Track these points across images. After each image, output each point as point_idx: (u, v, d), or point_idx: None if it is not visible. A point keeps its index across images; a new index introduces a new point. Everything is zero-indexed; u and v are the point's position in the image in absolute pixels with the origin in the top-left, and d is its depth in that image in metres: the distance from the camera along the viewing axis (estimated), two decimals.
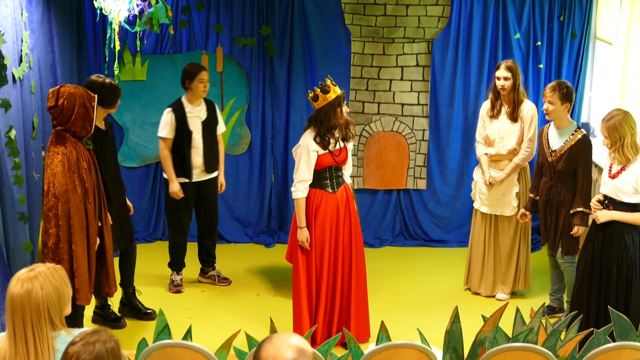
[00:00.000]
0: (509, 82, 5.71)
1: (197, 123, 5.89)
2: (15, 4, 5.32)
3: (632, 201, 4.74)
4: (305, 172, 5.00)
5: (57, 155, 4.64)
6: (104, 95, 5.09)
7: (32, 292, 2.69)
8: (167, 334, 3.81)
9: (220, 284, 6.26)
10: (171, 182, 5.91)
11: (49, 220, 4.67)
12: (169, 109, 5.88)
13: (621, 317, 4.04)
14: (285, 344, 2.33)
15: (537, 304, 5.50)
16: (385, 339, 3.82)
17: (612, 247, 4.81)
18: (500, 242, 5.96)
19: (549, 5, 6.86)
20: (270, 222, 7.30)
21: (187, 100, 5.90)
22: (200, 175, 5.98)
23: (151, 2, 5.72)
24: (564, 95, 5.32)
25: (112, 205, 5.26)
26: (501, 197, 5.88)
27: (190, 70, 5.87)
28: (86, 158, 4.75)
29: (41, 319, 2.70)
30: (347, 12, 6.92)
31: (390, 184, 7.25)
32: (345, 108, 5.01)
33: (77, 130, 4.69)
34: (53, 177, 4.64)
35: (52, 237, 4.66)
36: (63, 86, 4.74)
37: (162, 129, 5.88)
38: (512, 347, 3.62)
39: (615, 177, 4.78)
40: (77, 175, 4.67)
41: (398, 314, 5.69)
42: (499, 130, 5.84)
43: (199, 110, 5.92)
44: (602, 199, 4.90)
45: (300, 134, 6.96)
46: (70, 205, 4.65)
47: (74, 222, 4.67)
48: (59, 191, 4.63)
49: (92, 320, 5.48)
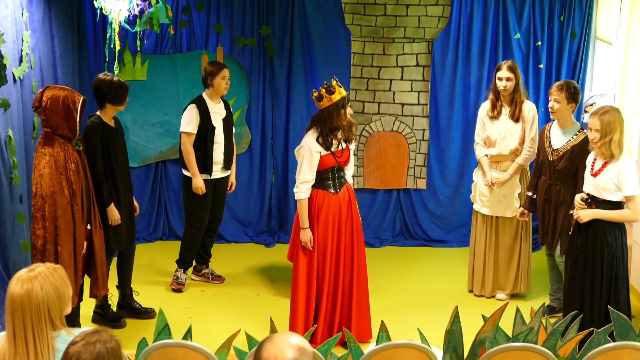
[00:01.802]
0: (511, 82, 5.71)
1: (219, 120, 5.94)
2: (15, 4, 5.33)
3: (614, 199, 4.72)
4: (307, 173, 4.99)
5: (45, 156, 4.63)
6: (112, 93, 5.11)
7: (32, 292, 2.69)
8: (167, 334, 3.81)
9: (214, 282, 6.26)
10: (195, 178, 5.91)
11: (37, 221, 4.66)
12: (192, 105, 5.90)
13: (621, 317, 4.05)
14: (286, 344, 2.34)
15: (537, 304, 5.50)
16: (385, 339, 3.82)
17: (596, 246, 4.79)
18: (501, 244, 5.96)
19: (549, 5, 6.86)
20: (271, 222, 7.30)
21: (208, 97, 5.94)
22: (219, 172, 6.02)
23: (151, 2, 5.72)
24: (571, 95, 5.32)
25: (122, 203, 5.27)
26: (503, 199, 5.87)
27: (213, 67, 5.92)
28: (74, 160, 4.73)
29: (41, 319, 2.70)
30: (347, 12, 6.93)
31: (390, 184, 7.25)
32: (349, 110, 5.00)
33: (64, 132, 4.68)
34: (40, 179, 4.62)
35: (39, 238, 4.65)
36: (48, 87, 4.73)
37: (186, 124, 5.88)
38: (512, 347, 3.62)
39: (597, 174, 4.77)
40: (65, 177, 4.66)
41: (398, 314, 5.69)
42: (500, 131, 5.83)
43: (220, 107, 5.98)
44: (586, 197, 4.90)
45: (300, 134, 6.99)
46: (57, 207, 4.64)
47: (60, 224, 4.65)
48: (45, 192, 4.62)
49: (92, 320, 5.47)
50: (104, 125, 5.14)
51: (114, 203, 5.19)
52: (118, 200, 5.23)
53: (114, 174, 5.18)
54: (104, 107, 5.18)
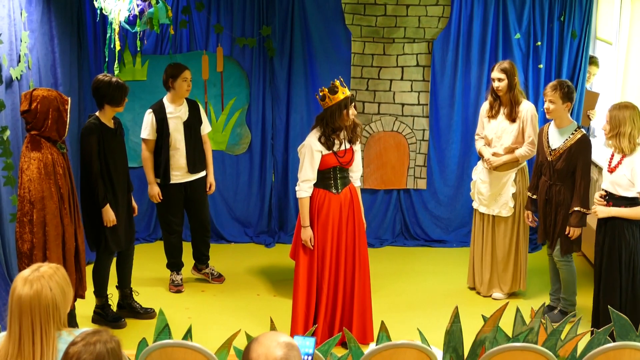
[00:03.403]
0: (503, 83, 5.71)
1: (179, 124, 5.86)
2: (14, 4, 5.33)
3: (629, 195, 4.78)
4: (308, 172, 5.00)
5: (34, 161, 4.60)
6: (110, 93, 5.11)
7: (42, 293, 2.66)
8: (167, 334, 3.80)
9: (214, 281, 6.26)
10: (150, 185, 5.92)
11: (24, 225, 4.64)
12: (149, 110, 5.86)
13: (621, 317, 4.05)
14: (273, 342, 2.33)
15: (537, 304, 5.49)
16: (385, 339, 3.82)
17: (614, 243, 4.86)
18: (497, 243, 5.97)
19: (549, 6, 6.86)
20: (271, 222, 7.30)
21: (168, 101, 5.88)
22: (185, 176, 5.95)
23: (151, 2, 5.72)
24: (565, 94, 5.33)
25: (119, 204, 5.27)
26: (498, 198, 5.88)
27: (173, 69, 5.84)
28: (61, 163, 4.73)
29: (49, 319, 2.67)
30: (347, 12, 6.92)
31: (390, 184, 7.25)
32: (352, 110, 4.99)
33: (51, 135, 4.66)
34: (29, 183, 4.60)
35: (26, 242, 4.64)
36: (36, 89, 4.71)
37: (143, 130, 5.87)
38: (512, 347, 3.62)
39: (613, 171, 4.86)
40: (53, 181, 4.65)
41: (398, 314, 5.69)
42: (496, 130, 5.84)
43: (180, 110, 5.89)
44: (605, 194, 4.95)
45: (301, 134, 7.02)
46: (46, 212, 4.63)
47: (50, 228, 4.64)
48: (34, 197, 4.60)
49: (92, 320, 5.48)
50: (101, 126, 5.13)
51: (110, 204, 5.18)
52: (115, 201, 5.22)
53: (110, 175, 5.17)
54: (102, 108, 5.18)
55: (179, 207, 6.05)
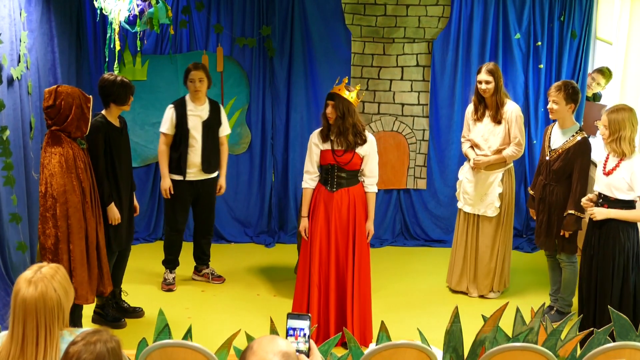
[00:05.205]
0: (490, 85, 5.70)
1: (197, 122, 5.90)
2: (14, 4, 5.32)
3: (627, 198, 4.75)
4: (308, 164, 5.15)
5: (55, 155, 4.64)
6: (116, 92, 5.12)
7: (46, 294, 2.65)
8: (167, 334, 3.80)
9: (214, 281, 6.26)
10: (163, 178, 5.94)
11: (47, 221, 4.66)
12: (170, 105, 5.92)
13: (621, 317, 4.05)
14: (268, 353, 2.27)
15: (537, 304, 5.49)
16: (385, 339, 3.82)
17: (608, 245, 4.83)
18: (480, 242, 5.96)
19: (549, 6, 6.86)
20: (271, 222, 7.30)
21: (189, 99, 5.93)
22: (198, 174, 5.97)
23: (151, 2, 5.72)
24: (569, 95, 5.32)
25: (123, 203, 5.27)
26: (484, 197, 5.88)
27: (185, 70, 5.92)
28: (82, 158, 4.76)
29: (54, 319, 2.67)
30: (347, 12, 6.93)
31: (390, 184, 7.25)
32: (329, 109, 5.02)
33: (73, 131, 4.70)
34: (51, 178, 4.63)
35: (50, 237, 4.66)
36: (60, 86, 4.74)
37: (162, 124, 5.92)
38: (512, 347, 3.62)
39: (610, 173, 4.80)
40: (75, 175, 4.68)
41: (398, 314, 5.69)
42: (483, 133, 5.84)
43: (202, 109, 5.93)
44: (595, 197, 4.92)
45: (300, 134, 7.04)
46: (68, 206, 4.66)
47: (73, 222, 4.67)
48: (57, 192, 4.63)
49: (92, 320, 5.47)
50: (107, 125, 5.15)
51: (115, 202, 5.19)
52: (119, 200, 5.23)
53: (115, 174, 5.19)
54: (108, 107, 5.20)
55: (187, 205, 6.06)
